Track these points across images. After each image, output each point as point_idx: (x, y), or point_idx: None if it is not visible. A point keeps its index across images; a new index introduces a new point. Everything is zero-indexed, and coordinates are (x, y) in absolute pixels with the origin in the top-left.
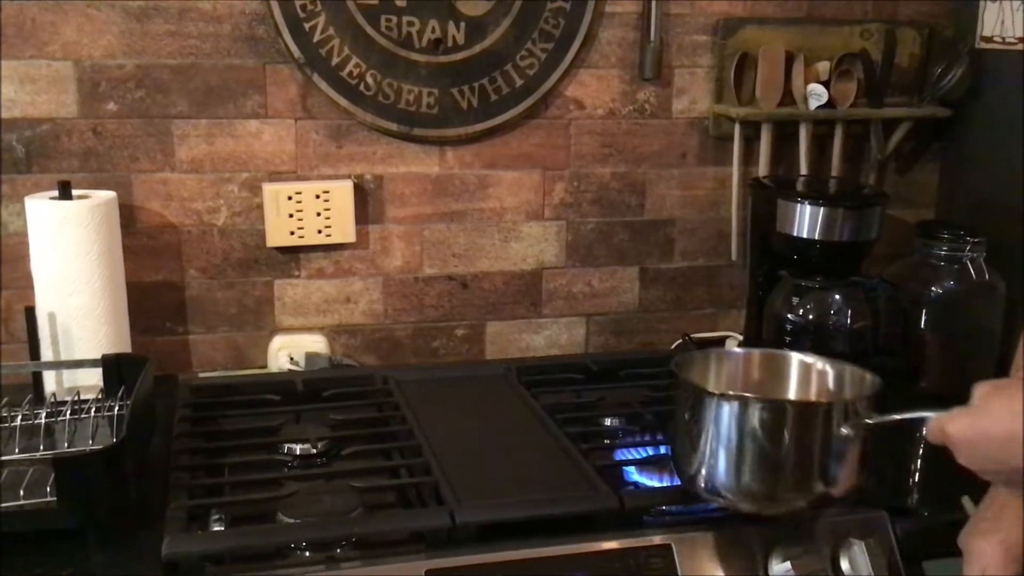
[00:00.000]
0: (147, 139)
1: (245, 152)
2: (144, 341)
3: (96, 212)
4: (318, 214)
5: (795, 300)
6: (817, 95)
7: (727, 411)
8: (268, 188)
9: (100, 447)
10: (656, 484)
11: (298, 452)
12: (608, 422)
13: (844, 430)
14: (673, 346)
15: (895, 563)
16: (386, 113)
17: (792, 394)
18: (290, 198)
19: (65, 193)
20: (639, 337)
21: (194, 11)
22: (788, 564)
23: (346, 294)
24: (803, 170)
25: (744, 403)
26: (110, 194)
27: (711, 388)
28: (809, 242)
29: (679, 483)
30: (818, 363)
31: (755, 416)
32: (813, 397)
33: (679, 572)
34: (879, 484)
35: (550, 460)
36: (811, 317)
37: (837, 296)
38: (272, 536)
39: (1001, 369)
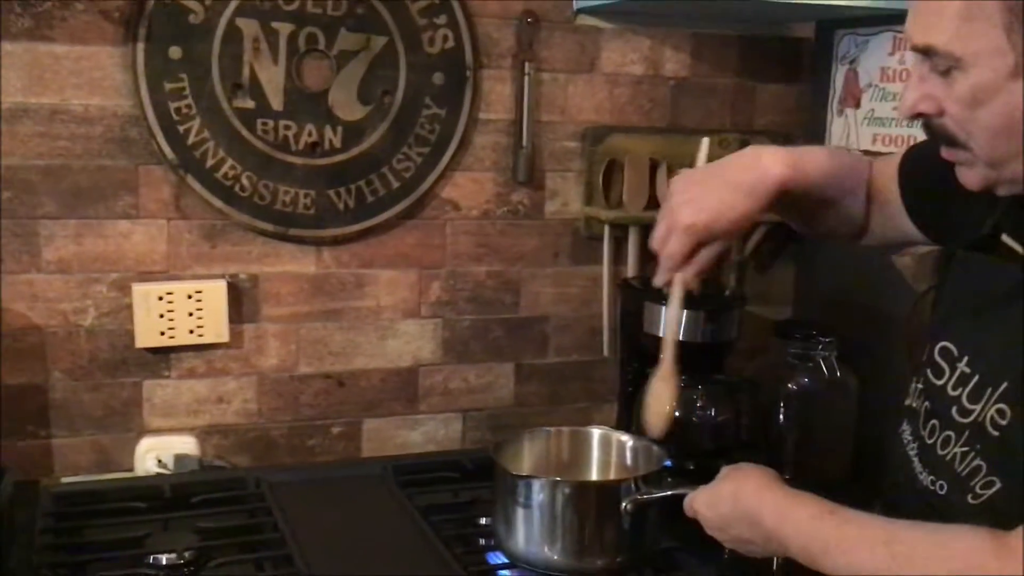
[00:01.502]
0: (13, 239)
1: (115, 252)
2: (5, 445)
3: None
4: (190, 314)
5: None
6: None
7: (521, 488)
8: (138, 288)
9: None
10: None
11: (164, 563)
12: (483, 521)
13: (624, 504)
14: None
15: None
16: (262, 214)
17: (594, 466)
18: (161, 298)
19: None
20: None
21: (65, 113)
22: None
23: (218, 394)
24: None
25: (527, 482)
26: None
27: (523, 467)
28: None
29: None
30: (616, 437)
31: (540, 493)
32: (612, 469)
33: None
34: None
35: (424, 566)
36: (677, 413)
37: (701, 393)
38: None
39: (855, 460)
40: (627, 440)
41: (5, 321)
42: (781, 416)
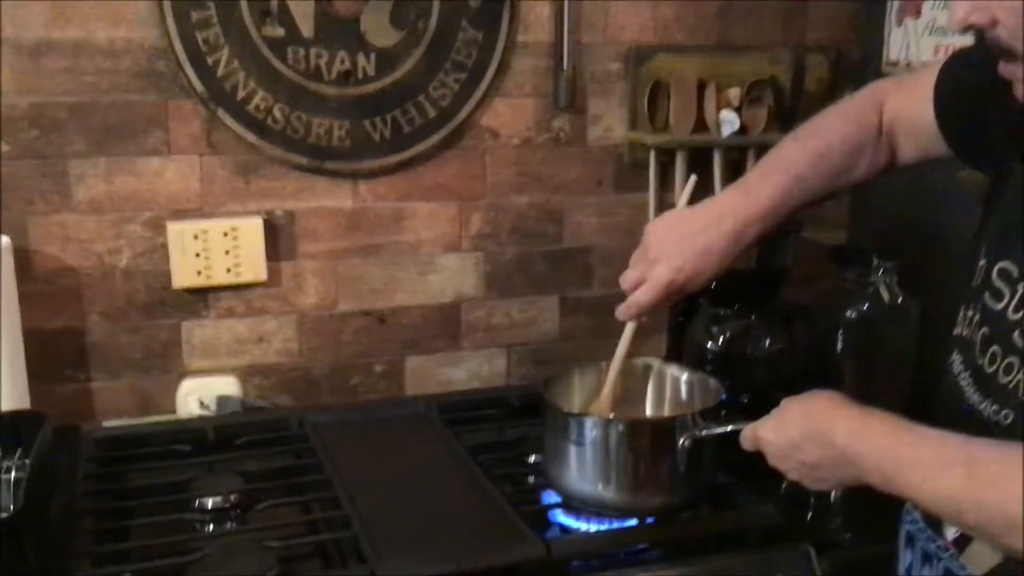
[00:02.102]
0: (42, 180)
1: (147, 190)
2: (44, 391)
3: None
4: (226, 252)
5: (714, 329)
6: (729, 122)
7: (573, 426)
8: (172, 227)
9: None
10: (583, 526)
11: (210, 507)
12: (532, 459)
13: (681, 441)
14: None
15: None
16: (296, 147)
17: (648, 401)
18: (196, 237)
19: None
20: (561, 367)
21: (90, 47)
22: None
23: (258, 333)
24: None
25: (579, 420)
26: (3, 240)
27: (574, 402)
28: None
29: (607, 525)
30: (669, 370)
31: (593, 431)
32: (667, 403)
33: None
34: (799, 514)
35: (475, 506)
36: (730, 345)
37: (754, 324)
38: None
39: (915, 390)
40: (681, 373)
41: (37, 264)
42: (839, 345)
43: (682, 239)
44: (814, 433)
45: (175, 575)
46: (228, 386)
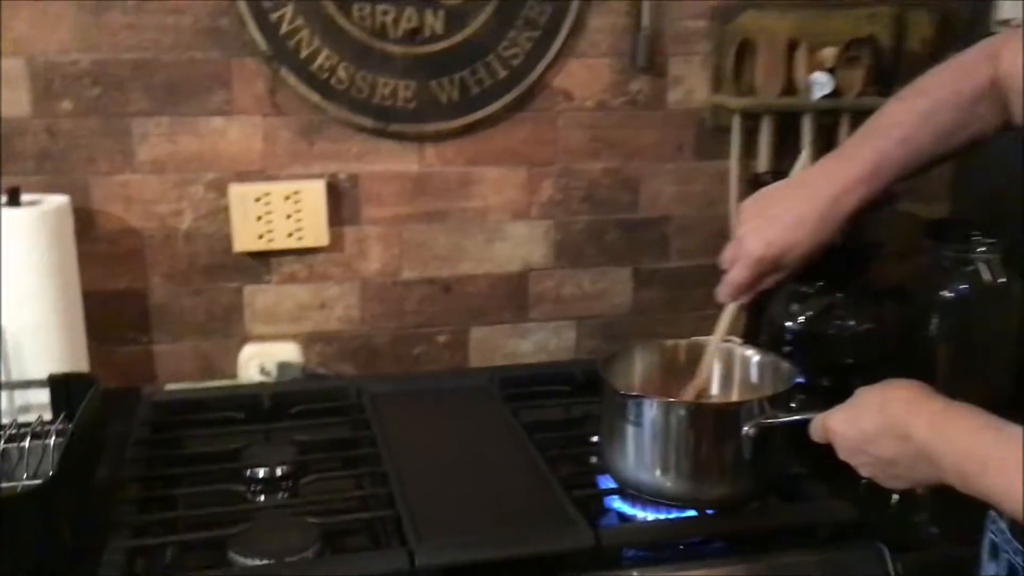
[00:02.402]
0: (105, 139)
1: (210, 151)
2: (105, 352)
3: (45, 220)
4: (288, 216)
5: (794, 307)
6: (821, 84)
7: (630, 408)
8: (234, 190)
9: (28, 488)
10: (640, 514)
11: (259, 477)
12: (595, 439)
13: (746, 429)
14: None
15: None
16: (360, 108)
17: (714, 382)
18: (258, 200)
19: (13, 200)
20: (633, 341)
21: (153, 3)
22: None
23: (320, 300)
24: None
25: (638, 402)
26: (62, 199)
27: (635, 383)
28: None
29: (664, 515)
30: (740, 350)
31: (651, 414)
32: (735, 386)
33: None
34: (877, 511)
35: (525, 489)
36: (811, 324)
37: (839, 302)
38: None
39: (1018, 377)
40: (752, 354)
41: (100, 224)
42: (932, 328)
43: (772, 211)
44: (891, 426)
45: (216, 548)
46: (289, 353)
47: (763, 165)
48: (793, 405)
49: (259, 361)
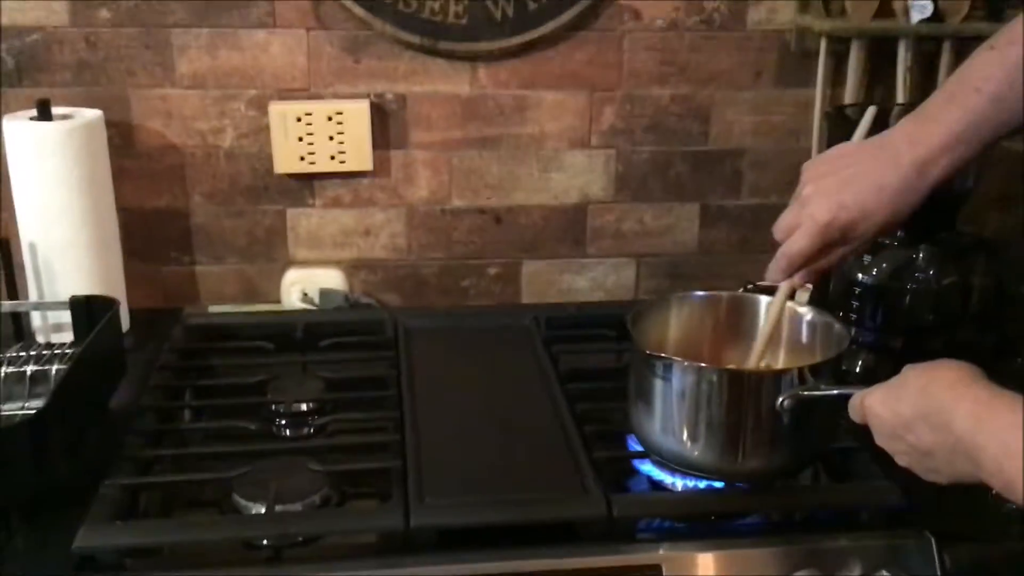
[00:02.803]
0: (144, 51)
1: (252, 66)
2: (148, 272)
3: (76, 135)
4: (331, 138)
5: (867, 258)
6: (921, 6)
7: (657, 369)
8: (275, 108)
9: (19, 419)
10: (669, 480)
11: (279, 414)
12: None
13: (781, 400)
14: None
15: None
16: (408, 24)
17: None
18: (299, 120)
19: (44, 113)
20: (697, 283)
21: None
22: None
23: (365, 226)
24: (900, 97)
25: (666, 364)
26: (95, 113)
27: (669, 339)
28: None
29: (692, 484)
30: (792, 307)
31: (679, 378)
32: (782, 346)
33: None
34: (925, 495)
35: (546, 447)
36: (885, 279)
37: (919, 255)
38: (193, 532)
39: None
40: (805, 312)
41: (140, 139)
42: None
43: (847, 172)
44: (930, 412)
45: (219, 490)
46: (332, 279)
47: (850, 96)
48: (846, 369)
49: (301, 286)
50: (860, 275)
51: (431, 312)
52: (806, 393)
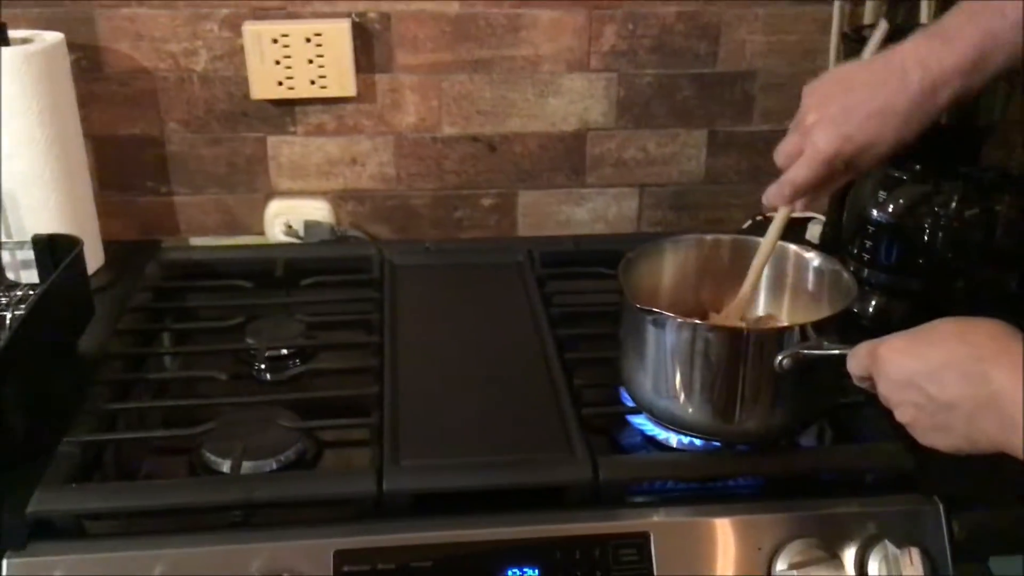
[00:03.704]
0: None
1: None
2: (124, 201)
3: (35, 60)
4: (310, 61)
5: (882, 194)
6: None
7: (647, 325)
8: (249, 29)
9: None
10: (662, 437)
11: (253, 361)
12: None
13: (780, 359)
14: (744, 226)
15: (946, 573)
16: None
17: (762, 290)
18: (275, 41)
19: (0, 38)
20: (704, 213)
21: None
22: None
23: (351, 154)
24: (924, 18)
25: (657, 319)
26: (56, 36)
27: (661, 289)
28: None
29: (688, 443)
30: (796, 251)
31: (670, 334)
32: (785, 295)
33: (654, 570)
34: (934, 458)
35: (532, 402)
36: (905, 215)
37: (937, 192)
38: (154, 497)
39: None
40: (812, 257)
41: (108, 63)
42: None
43: (851, 98)
44: (966, 359)
45: (186, 448)
46: (318, 211)
47: (870, 15)
48: (858, 312)
49: (285, 218)
50: (875, 212)
51: (420, 248)
52: (807, 352)
